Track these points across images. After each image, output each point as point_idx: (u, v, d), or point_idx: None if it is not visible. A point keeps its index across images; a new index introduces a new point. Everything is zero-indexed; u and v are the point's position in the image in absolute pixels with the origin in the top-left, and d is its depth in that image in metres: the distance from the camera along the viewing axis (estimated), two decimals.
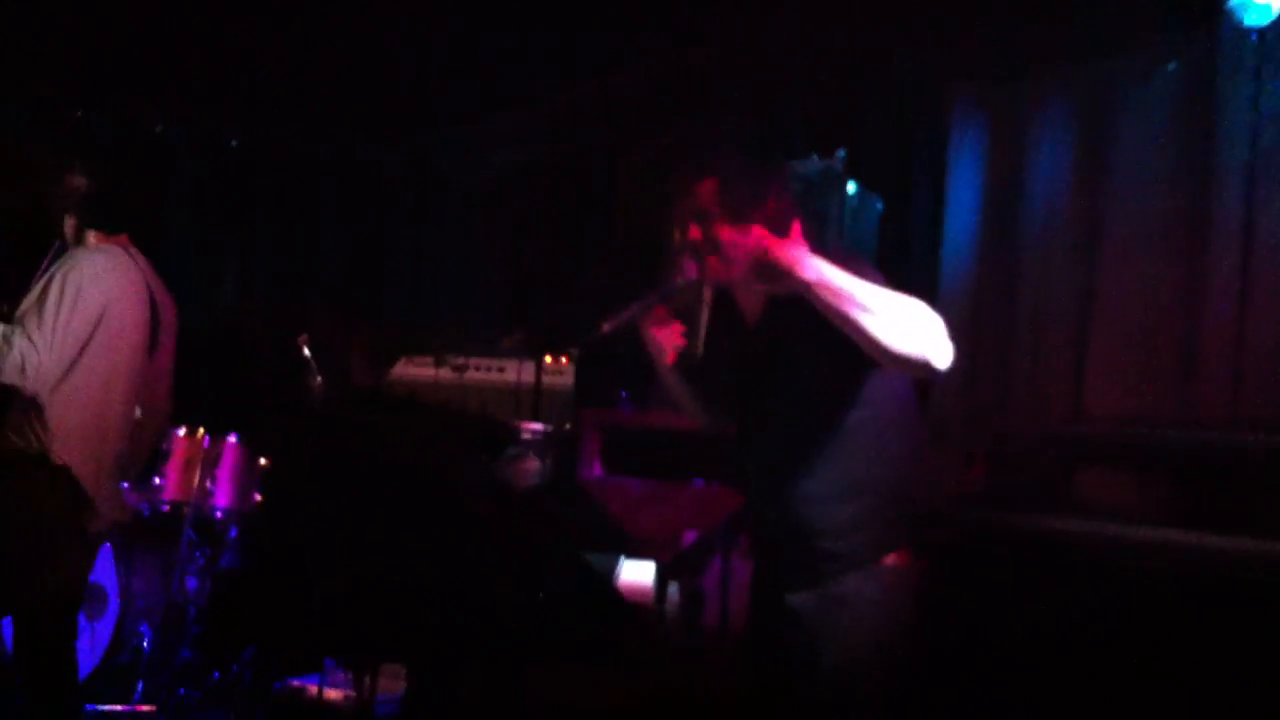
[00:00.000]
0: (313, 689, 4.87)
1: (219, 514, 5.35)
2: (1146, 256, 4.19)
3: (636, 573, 3.48)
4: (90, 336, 3.65)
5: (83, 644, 4.76)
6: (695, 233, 2.83)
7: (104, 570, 5.00)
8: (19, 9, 5.47)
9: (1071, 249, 4.41)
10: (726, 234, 2.79)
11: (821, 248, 2.68)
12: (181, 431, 5.30)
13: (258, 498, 5.37)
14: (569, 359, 5.09)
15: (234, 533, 5.43)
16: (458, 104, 6.53)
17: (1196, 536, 3.20)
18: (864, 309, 2.48)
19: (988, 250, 4.66)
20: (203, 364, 6.69)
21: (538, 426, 4.41)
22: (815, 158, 4.39)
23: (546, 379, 4.92)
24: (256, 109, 6.91)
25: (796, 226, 2.80)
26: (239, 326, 6.80)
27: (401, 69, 6.11)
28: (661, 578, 3.28)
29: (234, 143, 7.12)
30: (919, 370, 2.53)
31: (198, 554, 5.31)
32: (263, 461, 5.40)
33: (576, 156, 6.35)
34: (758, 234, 2.64)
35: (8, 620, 3.76)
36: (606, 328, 3.14)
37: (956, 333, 4.58)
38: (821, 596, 2.73)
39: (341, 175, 7.47)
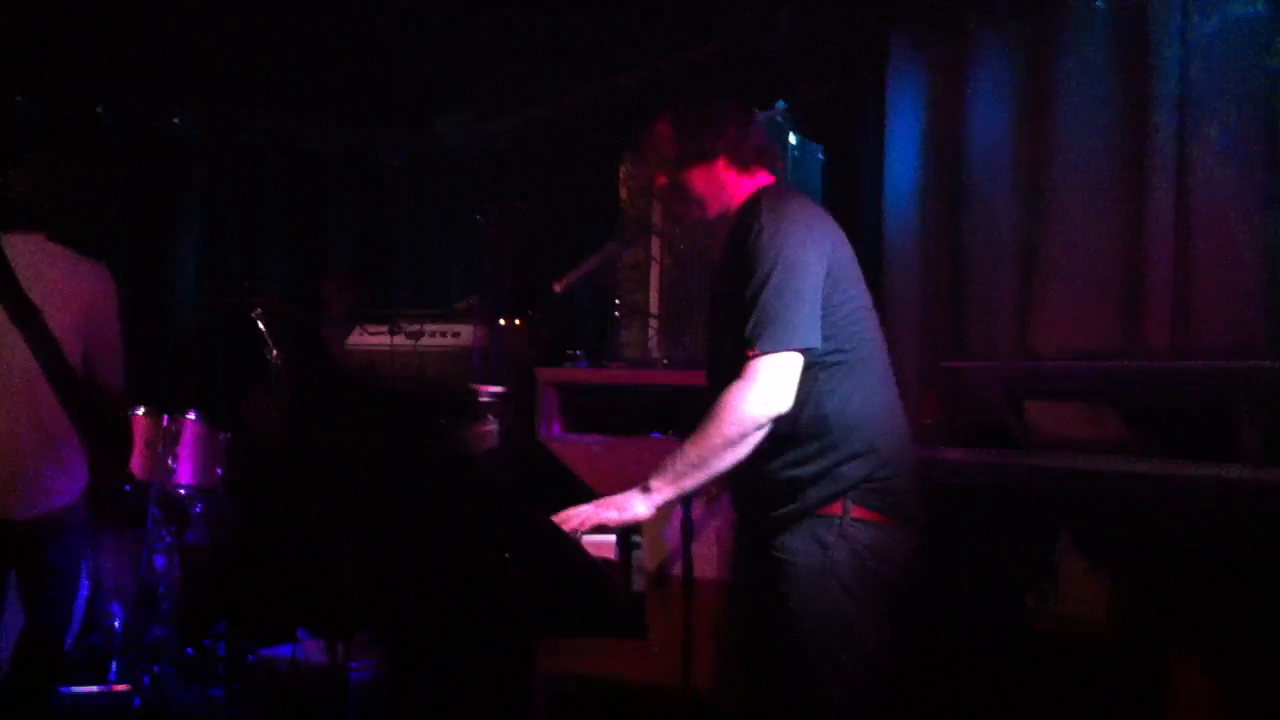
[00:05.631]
0: (287, 659, 4.92)
1: (183, 491, 5.37)
2: (1088, 192, 4.24)
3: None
4: None
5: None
6: (661, 179, 2.83)
7: None
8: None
9: (1013, 188, 4.46)
10: (693, 175, 2.79)
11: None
12: (141, 411, 5.30)
13: (219, 472, 5.39)
14: (523, 321, 5.11)
15: (199, 509, 5.45)
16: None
17: (1147, 465, 3.28)
18: (703, 470, 2.59)
19: (931, 194, 4.70)
20: (160, 343, 6.76)
21: (494, 389, 4.44)
22: (756, 110, 4.42)
23: (501, 341, 4.94)
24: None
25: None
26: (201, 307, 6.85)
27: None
28: (625, 533, 3.31)
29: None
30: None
31: (164, 532, 5.33)
32: (223, 436, 5.42)
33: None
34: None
35: None
36: (558, 287, 3.15)
37: (905, 275, 4.67)
38: (766, 558, 2.70)
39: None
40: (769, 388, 2.56)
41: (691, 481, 2.61)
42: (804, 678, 2.63)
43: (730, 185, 2.82)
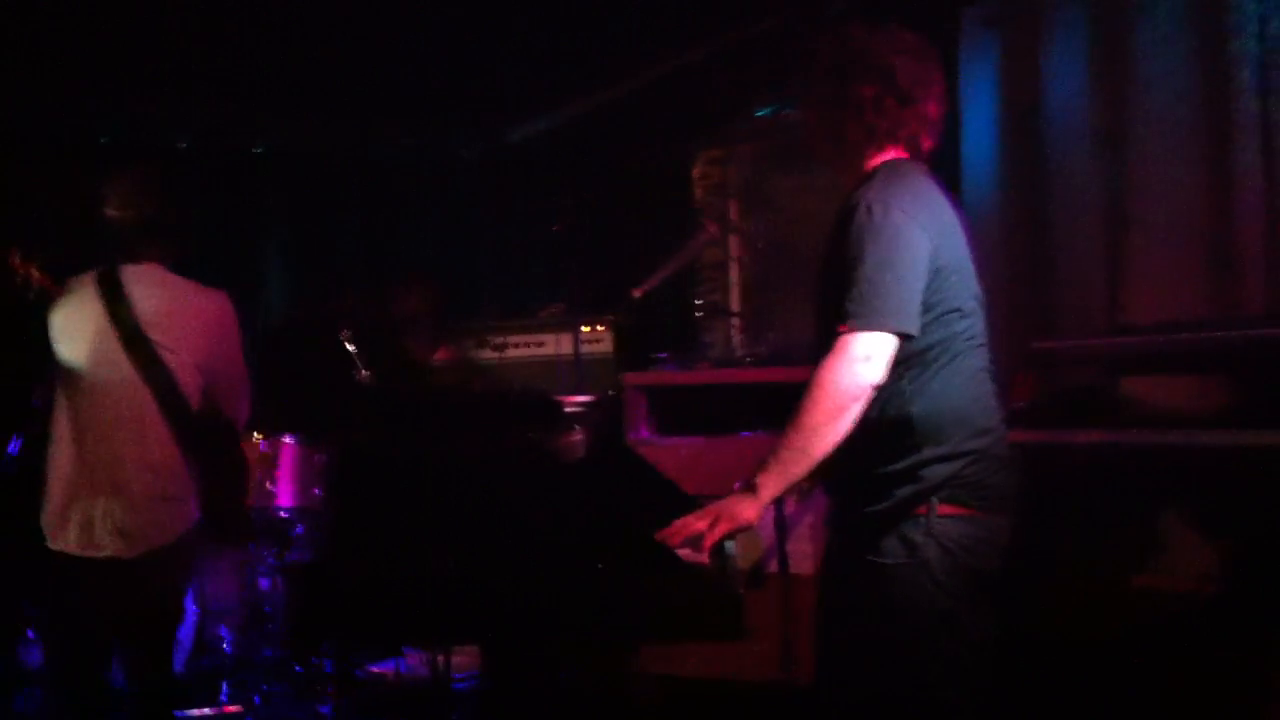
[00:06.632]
0: (392, 673, 4.98)
1: (283, 514, 5.44)
2: (1172, 157, 4.15)
3: None
4: None
5: None
6: (868, 89, 2.68)
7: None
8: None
9: (1095, 159, 4.37)
10: (882, 114, 2.69)
11: None
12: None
13: (318, 493, 5.46)
14: (607, 326, 5.10)
15: (300, 530, 5.53)
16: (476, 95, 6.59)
17: (1250, 436, 3.19)
18: (807, 454, 2.49)
19: (1011, 170, 4.62)
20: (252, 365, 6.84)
21: (582, 397, 4.45)
22: None
23: (586, 348, 4.94)
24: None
25: None
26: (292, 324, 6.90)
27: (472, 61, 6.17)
28: None
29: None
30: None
31: (267, 554, 5.41)
32: (319, 458, 5.48)
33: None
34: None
35: None
36: (638, 292, 3.12)
37: (988, 253, 4.61)
38: (856, 558, 2.67)
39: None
40: (860, 358, 2.48)
41: (798, 469, 2.51)
42: (912, 674, 2.59)
43: (874, 150, 2.74)
